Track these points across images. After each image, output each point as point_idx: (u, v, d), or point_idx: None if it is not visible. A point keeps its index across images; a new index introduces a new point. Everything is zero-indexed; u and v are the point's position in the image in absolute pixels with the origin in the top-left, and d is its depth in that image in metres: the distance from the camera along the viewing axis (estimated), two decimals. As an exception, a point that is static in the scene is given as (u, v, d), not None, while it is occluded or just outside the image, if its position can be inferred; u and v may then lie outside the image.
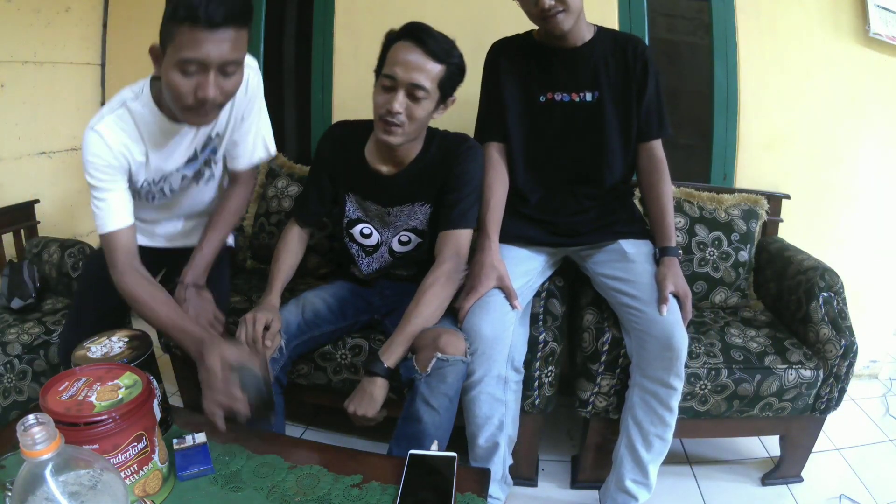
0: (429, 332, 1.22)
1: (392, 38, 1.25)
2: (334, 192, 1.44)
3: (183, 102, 1.01)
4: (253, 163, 1.31)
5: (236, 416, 0.97)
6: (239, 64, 1.01)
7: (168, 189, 1.26)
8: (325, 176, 1.43)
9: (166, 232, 1.41)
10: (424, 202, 1.38)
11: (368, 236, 1.44)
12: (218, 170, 1.33)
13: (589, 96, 1.39)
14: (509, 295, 1.28)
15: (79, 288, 1.54)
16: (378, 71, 1.26)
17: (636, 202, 1.58)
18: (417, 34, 1.20)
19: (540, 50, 1.40)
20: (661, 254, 1.38)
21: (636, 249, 1.39)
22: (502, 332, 1.24)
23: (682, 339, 1.24)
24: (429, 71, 1.19)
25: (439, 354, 1.16)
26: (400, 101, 1.20)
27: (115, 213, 1.13)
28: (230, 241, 1.45)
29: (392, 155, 1.34)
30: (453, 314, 1.31)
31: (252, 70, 1.18)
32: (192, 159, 1.24)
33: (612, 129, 1.40)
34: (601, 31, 1.40)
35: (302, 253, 1.48)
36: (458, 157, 1.33)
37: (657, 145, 1.44)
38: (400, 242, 1.43)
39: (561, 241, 1.45)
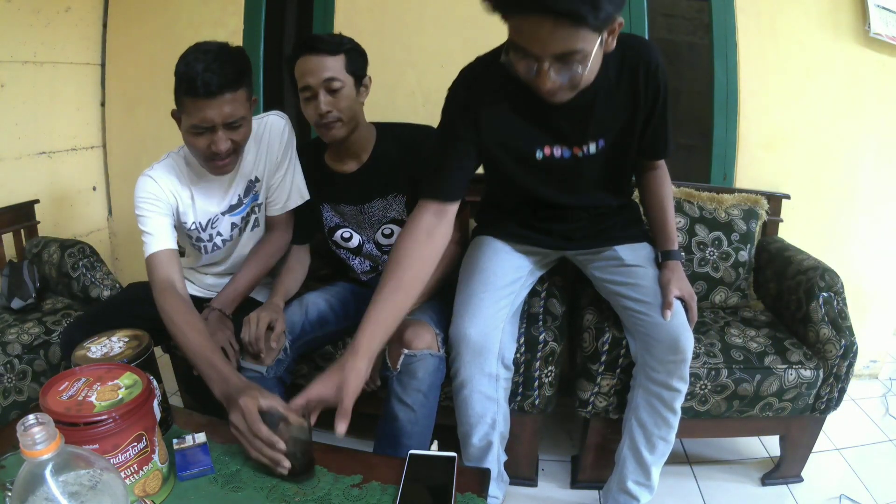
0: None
1: (290, 62, 1.32)
2: (311, 207, 1.48)
3: (201, 158, 1.20)
4: (288, 208, 1.41)
5: (276, 466, 0.87)
6: (243, 118, 1.17)
7: (220, 240, 1.39)
8: None
9: (216, 283, 1.50)
10: (398, 192, 1.42)
11: (349, 239, 1.48)
12: (262, 218, 1.44)
13: (593, 148, 1.19)
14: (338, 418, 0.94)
15: (109, 300, 1.60)
16: (297, 96, 1.34)
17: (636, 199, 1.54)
18: (306, 44, 1.29)
19: (527, 90, 1.07)
20: (663, 257, 1.35)
21: (634, 254, 1.35)
22: (492, 331, 1.23)
23: (688, 342, 1.22)
24: (332, 65, 1.28)
25: (406, 351, 1.17)
26: (325, 102, 1.28)
27: (156, 238, 1.23)
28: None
29: (348, 151, 1.39)
30: (438, 305, 1.33)
31: (286, 122, 1.38)
32: (237, 205, 1.37)
33: (616, 170, 1.27)
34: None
35: (304, 269, 1.51)
36: (422, 143, 1.38)
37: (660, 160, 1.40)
38: (384, 235, 1.46)
39: (554, 243, 1.41)
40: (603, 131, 1.18)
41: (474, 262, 1.34)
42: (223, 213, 1.36)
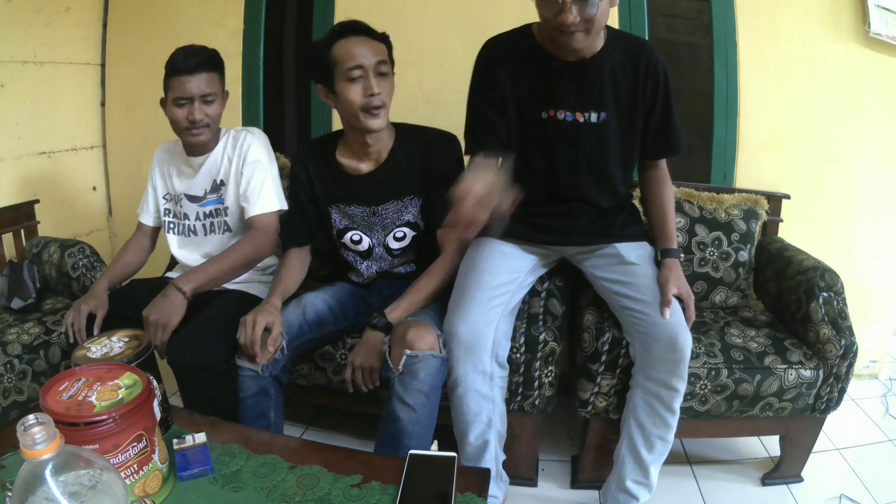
0: (399, 326, 1.25)
1: (328, 44, 1.28)
2: (317, 209, 1.47)
3: (181, 126, 1.41)
4: (257, 210, 1.46)
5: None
6: (216, 95, 1.42)
7: (189, 226, 1.56)
8: (304, 197, 1.46)
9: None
10: (413, 195, 1.40)
11: (358, 242, 1.47)
12: (234, 223, 1.54)
13: (594, 117, 1.28)
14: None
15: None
16: (324, 80, 1.30)
17: (635, 202, 1.56)
18: (356, 27, 1.29)
19: (543, 57, 1.27)
20: (662, 255, 1.36)
21: (633, 252, 1.36)
22: (484, 328, 1.23)
23: (686, 341, 1.23)
24: (382, 50, 1.30)
25: (408, 351, 1.17)
26: (376, 84, 1.27)
27: (143, 208, 1.63)
28: (254, 290, 1.54)
29: (367, 149, 1.37)
30: (440, 307, 1.33)
31: (255, 137, 1.51)
32: (201, 197, 1.53)
33: (616, 151, 1.33)
34: (611, 37, 1.27)
35: (304, 269, 1.51)
36: (440, 150, 1.38)
37: (662, 161, 1.43)
38: (395, 239, 1.45)
39: (553, 239, 1.42)
40: (604, 105, 1.27)
41: (471, 262, 1.35)
42: (187, 196, 1.53)
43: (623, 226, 1.40)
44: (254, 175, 1.47)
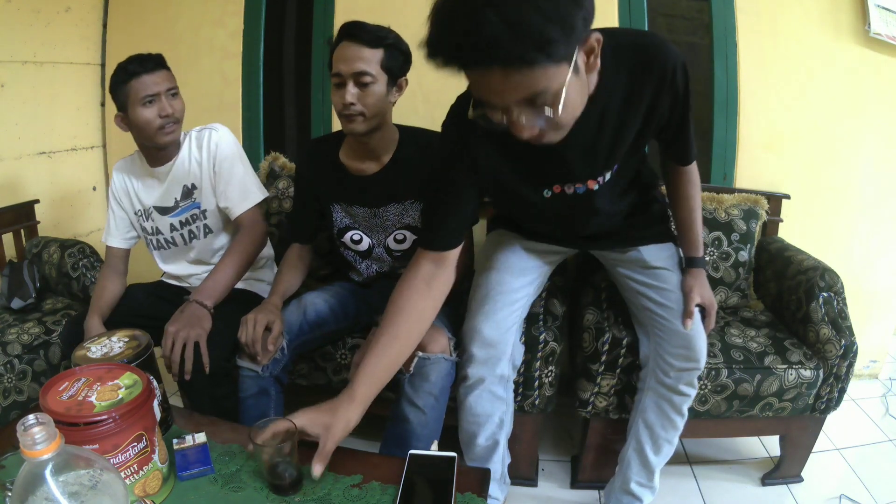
0: None
1: (333, 47, 1.30)
2: (320, 206, 1.47)
3: (154, 126, 1.36)
4: (242, 209, 1.45)
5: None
6: (177, 88, 1.40)
7: (163, 239, 1.52)
8: (308, 194, 1.47)
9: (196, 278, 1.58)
10: (414, 199, 1.40)
11: (359, 242, 1.47)
12: (215, 223, 1.51)
13: (609, 175, 1.10)
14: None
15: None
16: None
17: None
18: (349, 31, 1.27)
19: None
20: (688, 264, 1.31)
21: (658, 255, 1.30)
22: (505, 333, 1.23)
23: (702, 352, 1.22)
24: (368, 58, 1.25)
25: (420, 353, 1.17)
26: (351, 93, 1.25)
27: (110, 233, 1.54)
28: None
29: (368, 151, 1.36)
30: (451, 310, 1.32)
31: (219, 134, 1.47)
32: (172, 208, 1.48)
33: (630, 182, 1.20)
34: (615, 53, 0.94)
35: (305, 268, 1.51)
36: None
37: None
38: (396, 241, 1.44)
39: (572, 242, 1.37)
40: (615, 157, 1.06)
41: (491, 260, 1.32)
42: (157, 210, 1.49)
43: (645, 227, 1.31)
44: (232, 174, 1.44)
